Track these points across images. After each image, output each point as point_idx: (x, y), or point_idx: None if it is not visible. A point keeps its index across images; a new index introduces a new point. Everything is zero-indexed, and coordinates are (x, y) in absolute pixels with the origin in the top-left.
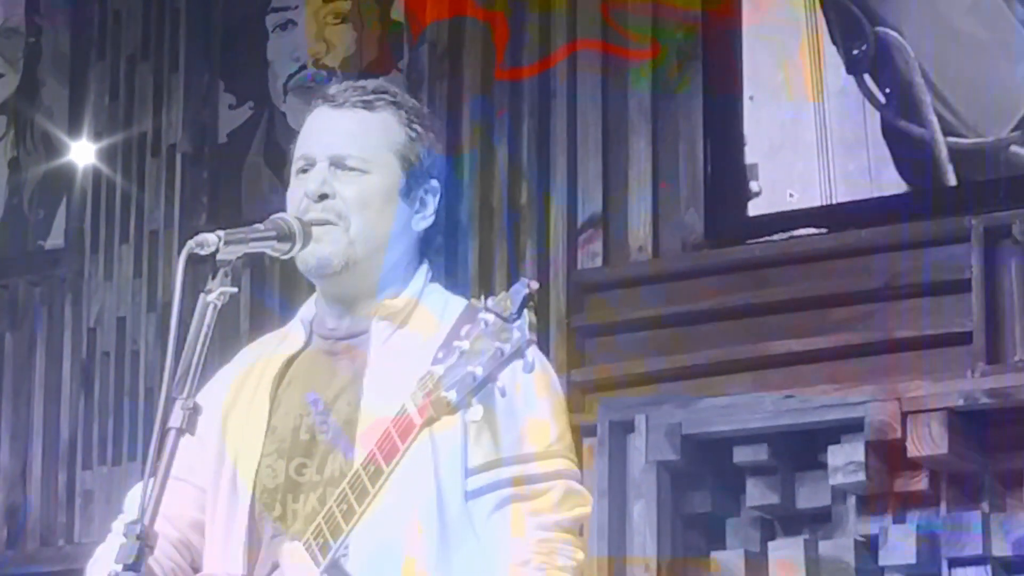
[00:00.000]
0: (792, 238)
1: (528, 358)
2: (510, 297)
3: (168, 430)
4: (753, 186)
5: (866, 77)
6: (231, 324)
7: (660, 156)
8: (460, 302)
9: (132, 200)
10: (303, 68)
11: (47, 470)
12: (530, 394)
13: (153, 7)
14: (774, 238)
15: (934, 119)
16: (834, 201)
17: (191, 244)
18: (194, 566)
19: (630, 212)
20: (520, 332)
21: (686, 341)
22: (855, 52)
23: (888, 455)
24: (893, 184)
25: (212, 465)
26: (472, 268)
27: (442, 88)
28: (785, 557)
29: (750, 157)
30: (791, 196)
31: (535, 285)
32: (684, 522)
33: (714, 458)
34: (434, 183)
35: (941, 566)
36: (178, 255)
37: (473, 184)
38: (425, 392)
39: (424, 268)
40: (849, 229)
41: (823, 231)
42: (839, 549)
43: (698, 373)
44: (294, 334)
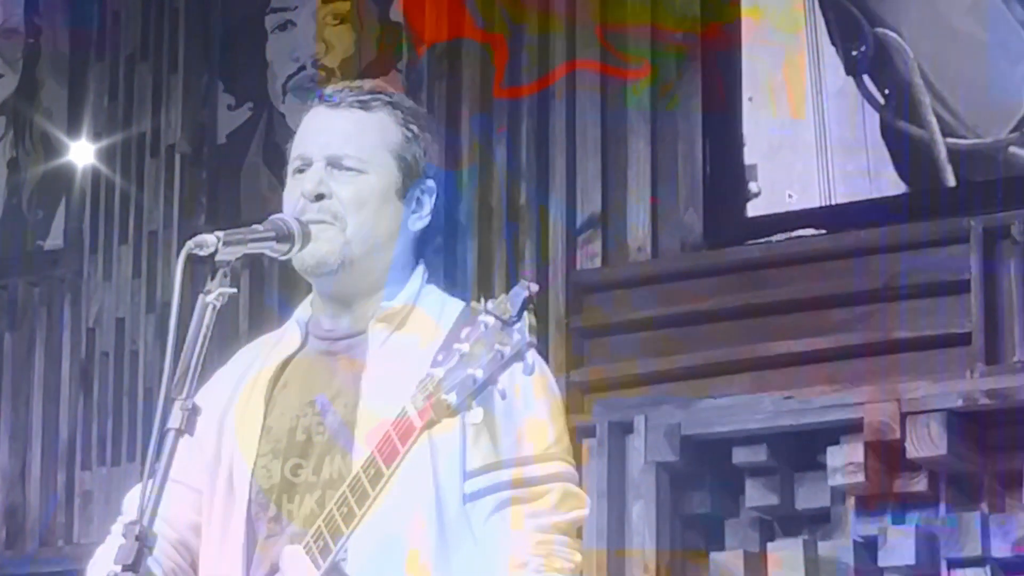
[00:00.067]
0: (791, 239)
1: (528, 360)
2: (510, 300)
3: (167, 431)
4: (752, 187)
5: (865, 78)
6: (230, 325)
7: (659, 157)
8: (457, 304)
9: (131, 201)
10: (302, 69)
11: (46, 470)
12: (528, 396)
13: (152, 8)
14: (773, 239)
15: (933, 120)
16: (833, 202)
17: (190, 245)
18: (193, 567)
19: (629, 213)
20: (520, 335)
21: (685, 342)
22: (854, 53)
23: (887, 456)
24: (892, 185)
25: (208, 467)
26: (471, 269)
27: (441, 89)
28: (784, 558)
29: (749, 158)
30: (790, 197)
31: (535, 288)
32: (683, 523)
33: (713, 459)
34: (430, 183)
35: (940, 567)
36: (177, 256)
37: (472, 185)
38: (425, 395)
39: (420, 269)
40: (848, 230)
41: (822, 232)
42: (838, 550)
43: (697, 374)
44: (290, 335)
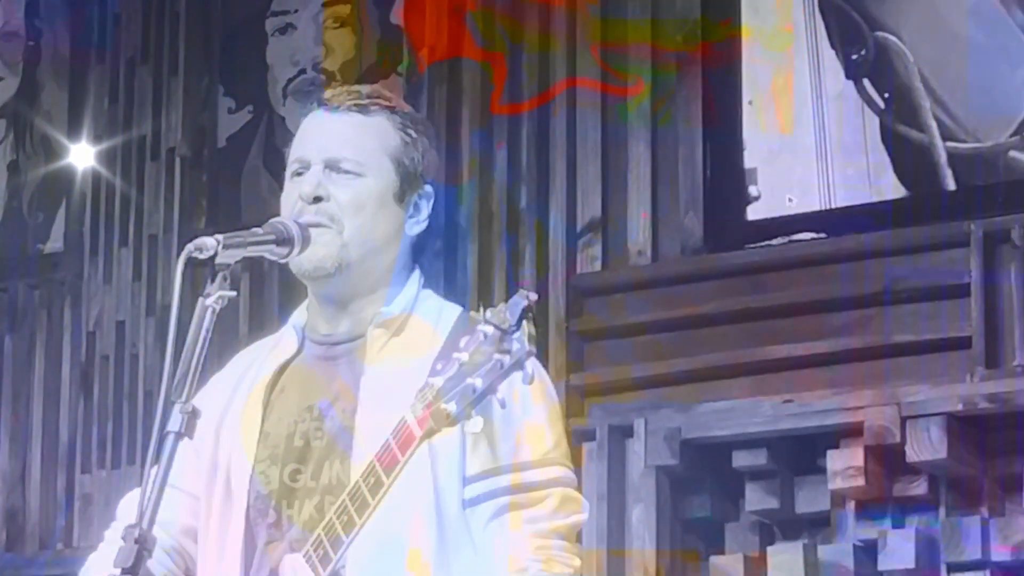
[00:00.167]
0: (791, 242)
1: (528, 370)
2: (509, 309)
3: (167, 434)
4: (752, 190)
5: (865, 82)
6: (230, 328)
7: (659, 160)
8: (454, 309)
9: (131, 204)
10: (302, 72)
11: (46, 473)
12: (527, 401)
13: (153, 10)
14: (773, 242)
15: (933, 124)
16: (833, 206)
17: (190, 248)
18: (188, 574)
19: (629, 216)
20: (519, 344)
21: (685, 345)
22: (854, 57)
23: (887, 460)
24: (892, 189)
25: (205, 472)
26: (471, 272)
27: (441, 93)
28: (784, 561)
29: (749, 161)
30: (790, 200)
31: (534, 297)
32: (683, 526)
33: (713, 463)
34: (428, 189)
35: (940, 571)
36: (177, 259)
37: (472, 188)
38: (425, 404)
39: (416, 274)
40: (848, 234)
41: (822, 235)
42: (838, 554)
43: (697, 377)
44: (286, 340)
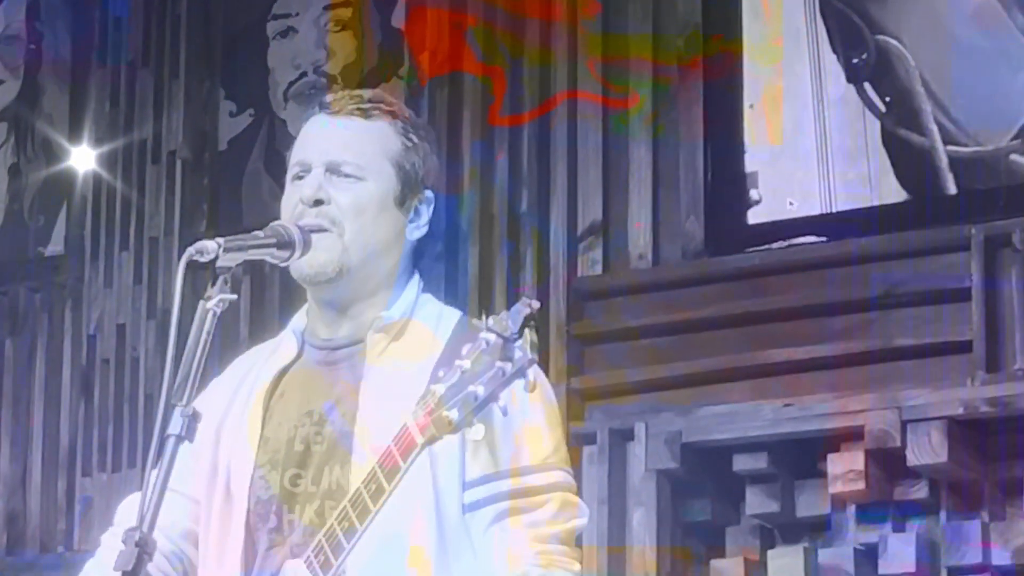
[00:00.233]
0: (792, 246)
1: (529, 377)
2: (511, 317)
3: (167, 437)
4: (753, 194)
5: (866, 85)
6: (231, 331)
7: (660, 164)
8: (454, 314)
9: (132, 207)
10: (304, 75)
11: (47, 476)
12: (526, 406)
13: (154, 14)
14: (774, 246)
15: (934, 128)
16: (834, 209)
17: (191, 251)
18: None
19: (630, 220)
20: (521, 352)
21: (686, 349)
22: (855, 60)
23: (888, 463)
24: (893, 192)
25: (205, 476)
26: (472, 275)
27: (442, 96)
28: (785, 565)
29: (750, 165)
30: (791, 204)
31: (536, 305)
32: (683, 530)
33: (714, 466)
34: (428, 193)
35: (941, 574)
36: (178, 262)
37: (473, 192)
38: (426, 410)
39: (416, 279)
40: (849, 237)
41: (823, 239)
42: (839, 557)
43: (698, 381)
44: (286, 345)
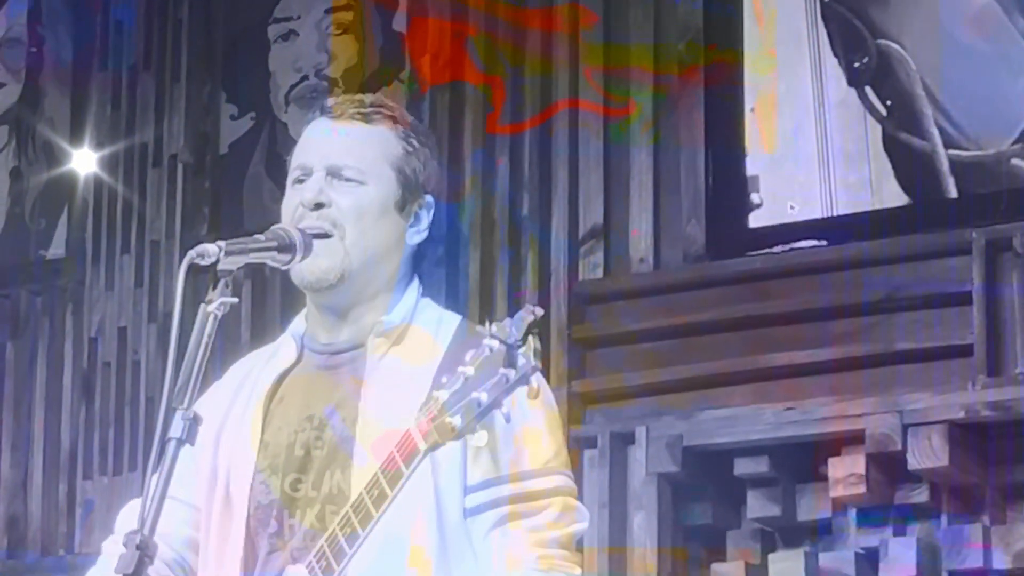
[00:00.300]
0: (793, 250)
1: (533, 384)
2: (514, 324)
3: (168, 440)
4: (754, 198)
5: (867, 89)
6: (232, 334)
7: (661, 167)
8: (453, 318)
9: (133, 210)
10: (305, 79)
11: (48, 480)
12: (527, 412)
13: (155, 17)
14: (775, 250)
15: (935, 131)
16: (835, 213)
17: (192, 254)
18: None
19: (632, 223)
20: (524, 359)
21: (687, 353)
22: (856, 64)
23: (889, 467)
24: (894, 196)
25: (205, 482)
26: (473, 280)
27: (443, 102)
28: (786, 569)
29: (751, 169)
30: (792, 208)
31: (539, 312)
32: (684, 534)
33: (715, 470)
34: (429, 198)
35: None
36: (179, 265)
37: (475, 196)
38: (429, 416)
39: (415, 284)
40: (850, 241)
41: (824, 243)
42: (840, 561)
43: (699, 385)
44: (285, 349)
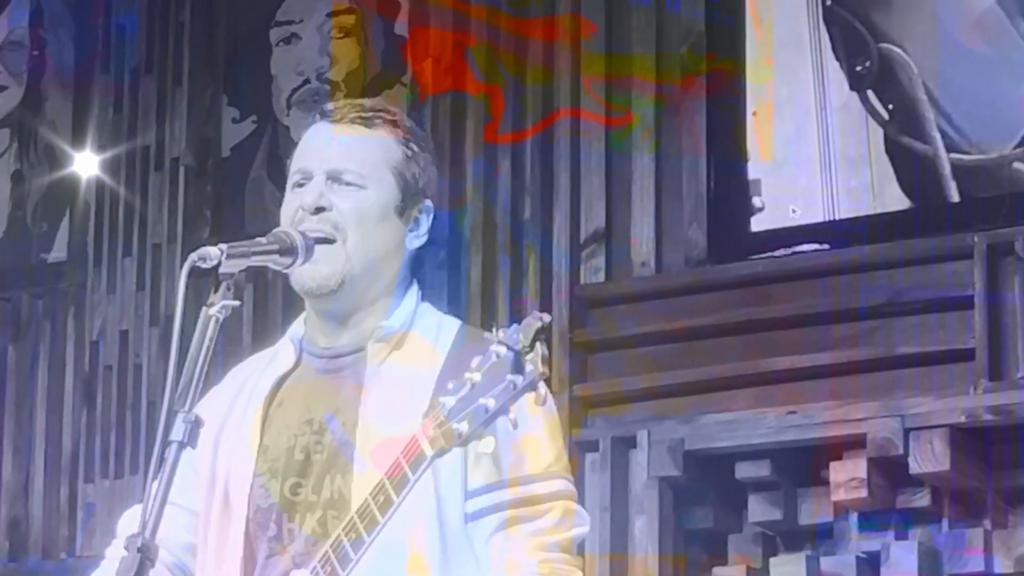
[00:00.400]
0: (795, 254)
1: (540, 391)
2: (522, 330)
3: (170, 443)
4: (756, 202)
5: (869, 93)
6: (233, 337)
7: (663, 171)
8: (453, 323)
9: (135, 213)
10: (307, 82)
11: (49, 483)
12: (528, 417)
13: (157, 21)
14: (777, 254)
15: (937, 135)
16: (837, 217)
17: (193, 257)
18: None
19: (633, 227)
20: (532, 365)
21: (689, 357)
22: (858, 68)
23: (890, 471)
24: (896, 200)
25: (204, 486)
26: (475, 283)
27: (445, 106)
28: (787, 573)
29: (752, 173)
30: (794, 212)
31: (547, 319)
32: (686, 537)
33: (716, 474)
34: (428, 203)
35: None
36: (180, 268)
37: (477, 199)
38: (436, 422)
39: (415, 288)
40: (852, 245)
41: (826, 247)
42: (841, 565)
43: (700, 389)
44: (284, 353)
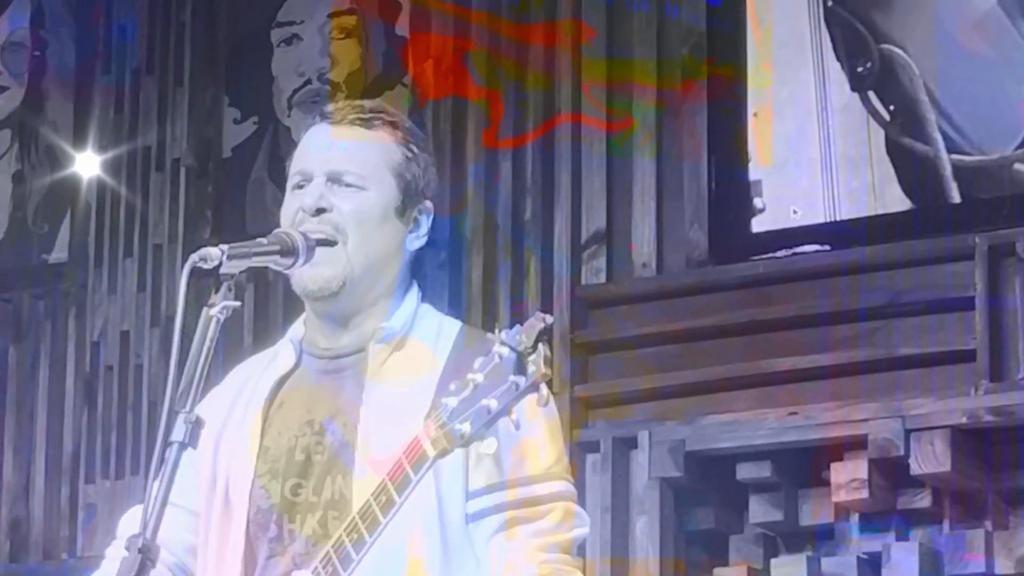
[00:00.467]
0: (796, 255)
1: (543, 392)
2: (525, 332)
3: (170, 444)
4: (757, 203)
5: (870, 94)
6: (234, 338)
7: (664, 172)
8: (454, 324)
9: (136, 214)
10: (308, 83)
11: (50, 484)
12: (529, 419)
13: (158, 21)
14: (778, 255)
15: (938, 136)
16: (838, 218)
17: (194, 258)
18: None
19: (634, 228)
20: (535, 366)
21: (690, 358)
22: (859, 69)
23: (891, 472)
24: (897, 201)
25: (204, 487)
26: (476, 284)
27: (446, 110)
28: (788, 574)
29: (754, 174)
30: (795, 213)
31: (550, 320)
32: (687, 538)
33: (717, 475)
34: (428, 204)
35: None
36: (181, 269)
37: (478, 200)
38: (439, 423)
39: (415, 290)
40: (853, 246)
41: (827, 248)
42: (842, 566)
43: (701, 390)
44: (284, 354)
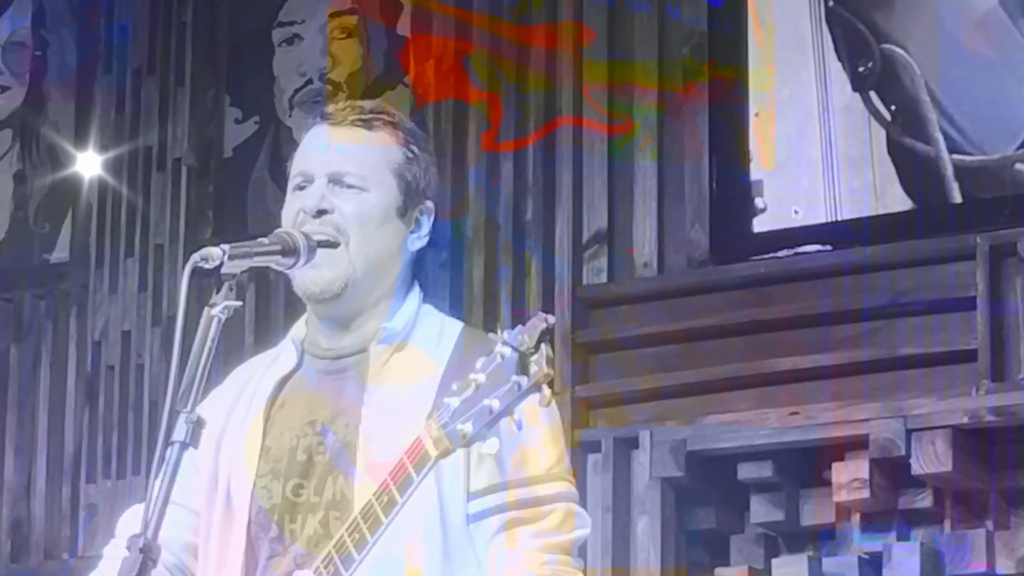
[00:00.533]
0: (797, 255)
1: (545, 392)
2: (527, 332)
3: (172, 443)
4: (758, 203)
5: (872, 94)
6: (235, 338)
7: (665, 173)
8: (455, 324)
9: (137, 214)
10: (309, 83)
11: (51, 483)
12: (531, 419)
13: (160, 21)
14: (779, 255)
15: (939, 136)
16: (839, 218)
17: (196, 258)
18: None
19: (635, 228)
20: (537, 367)
21: (691, 358)
22: (861, 69)
23: (892, 472)
24: (898, 201)
25: (206, 487)
26: (477, 284)
27: (447, 111)
28: (789, 574)
29: (755, 174)
30: (796, 213)
31: (552, 320)
32: (688, 539)
33: (718, 475)
34: (429, 204)
35: None
36: (183, 269)
37: (479, 201)
38: (441, 423)
39: (416, 290)
40: (854, 246)
41: (828, 248)
42: (843, 566)
43: (703, 390)
44: (285, 354)
